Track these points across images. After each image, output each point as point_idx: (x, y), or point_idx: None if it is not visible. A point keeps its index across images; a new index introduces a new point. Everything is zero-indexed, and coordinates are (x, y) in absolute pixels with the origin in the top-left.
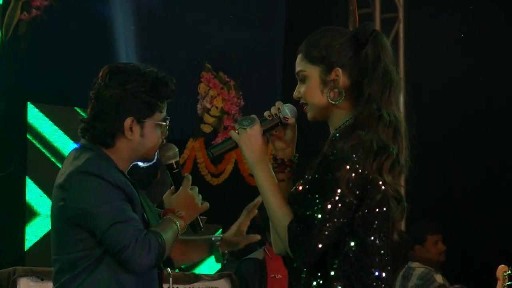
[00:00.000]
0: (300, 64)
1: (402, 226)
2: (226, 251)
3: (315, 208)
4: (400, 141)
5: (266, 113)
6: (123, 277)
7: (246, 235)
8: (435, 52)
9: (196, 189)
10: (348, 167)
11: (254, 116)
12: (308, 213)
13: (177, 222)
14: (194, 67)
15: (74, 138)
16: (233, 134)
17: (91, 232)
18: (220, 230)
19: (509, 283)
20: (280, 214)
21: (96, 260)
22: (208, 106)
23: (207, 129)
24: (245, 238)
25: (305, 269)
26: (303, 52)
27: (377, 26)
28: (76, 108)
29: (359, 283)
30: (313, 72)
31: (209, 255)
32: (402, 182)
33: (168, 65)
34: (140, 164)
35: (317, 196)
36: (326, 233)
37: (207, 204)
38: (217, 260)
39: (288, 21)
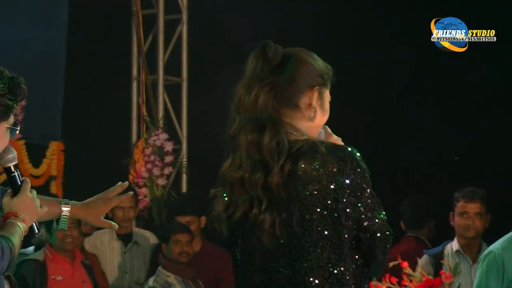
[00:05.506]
0: None
1: None
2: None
3: None
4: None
5: None
6: None
7: (104, 219)
8: (219, 55)
9: (35, 192)
10: None
11: None
12: None
13: (21, 226)
14: None
15: None
16: None
17: None
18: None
19: None
20: None
21: None
22: None
23: None
24: (103, 222)
25: None
26: None
27: (161, 27)
28: None
29: None
30: None
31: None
32: None
33: None
34: None
35: None
36: None
37: (45, 208)
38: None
39: (71, 20)
